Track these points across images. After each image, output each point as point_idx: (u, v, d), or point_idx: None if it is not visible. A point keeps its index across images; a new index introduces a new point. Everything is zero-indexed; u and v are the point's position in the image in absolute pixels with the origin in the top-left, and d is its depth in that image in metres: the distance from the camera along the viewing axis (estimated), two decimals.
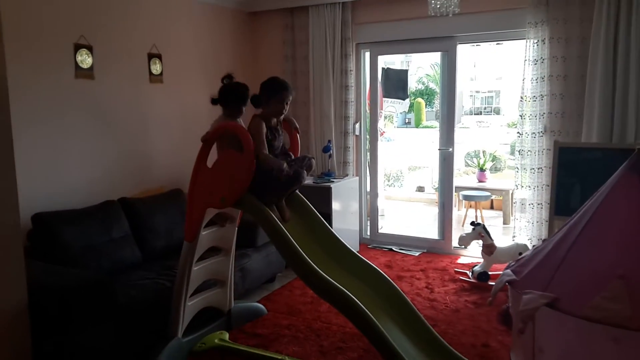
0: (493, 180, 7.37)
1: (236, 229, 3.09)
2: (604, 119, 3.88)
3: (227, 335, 3.11)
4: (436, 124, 16.88)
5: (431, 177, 8.43)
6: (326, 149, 4.78)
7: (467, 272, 4.14)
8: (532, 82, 4.15)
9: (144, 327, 2.80)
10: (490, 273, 3.97)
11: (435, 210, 7.28)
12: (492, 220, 6.40)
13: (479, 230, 3.97)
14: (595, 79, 3.86)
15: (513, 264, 2.16)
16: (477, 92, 24.98)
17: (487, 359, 2.83)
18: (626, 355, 1.52)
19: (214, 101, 2.75)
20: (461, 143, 10.39)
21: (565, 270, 1.77)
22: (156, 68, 4.10)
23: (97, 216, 3.25)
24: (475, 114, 23.96)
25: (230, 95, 2.70)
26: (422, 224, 6.56)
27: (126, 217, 3.42)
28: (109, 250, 3.18)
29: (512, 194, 6.44)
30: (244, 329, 3.26)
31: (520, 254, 3.96)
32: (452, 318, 3.40)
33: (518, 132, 4.31)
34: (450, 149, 4.76)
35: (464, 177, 8.37)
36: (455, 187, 6.53)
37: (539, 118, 4.15)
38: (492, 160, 9.86)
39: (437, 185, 7.84)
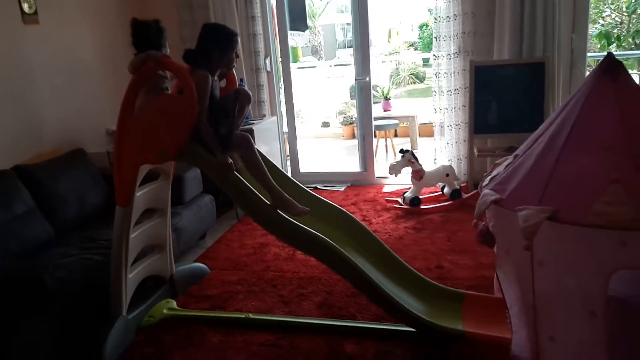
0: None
1: (170, 185, 2.73)
2: (514, 36, 3.99)
3: (174, 303, 2.82)
4: (314, 59, 16.76)
5: (334, 110, 8.37)
6: None
7: (398, 199, 4.19)
8: (445, 2, 4.11)
9: (82, 311, 2.41)
10: (420, 197, 4.04)
11: (344, 144, 7.32)
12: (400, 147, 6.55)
13: (409, 157, 3.98)
14: None
15: (487, 183, 2.13)
16: (348, 24, 25.08)
17: (446, 279, 2.87)
18: (635, 257, 1.56)
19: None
20: (342, 77, 10.46)
21: (557, 181, 1.75)
22: (29, 5, 3.36)
23: None
24: (348, 47, 24.11)
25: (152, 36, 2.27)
26: (338, 158, 6.53)
27: (27, 187, 2.86)
28: (14, 229, 2.64)
29: (416, 119, 6.63)
30: (191, 293, 2.98)
31: (447, 175, 4.07)
32: (398, 246, 3.41)
33: (434, 55, 4.30)
34: (367, 79, 4.64)
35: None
36: None
37: (453, 39, 4.16)
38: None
39: (341, 119, 7.85)
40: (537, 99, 3.98)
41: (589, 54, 4.22)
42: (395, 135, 7.24)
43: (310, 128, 8.47)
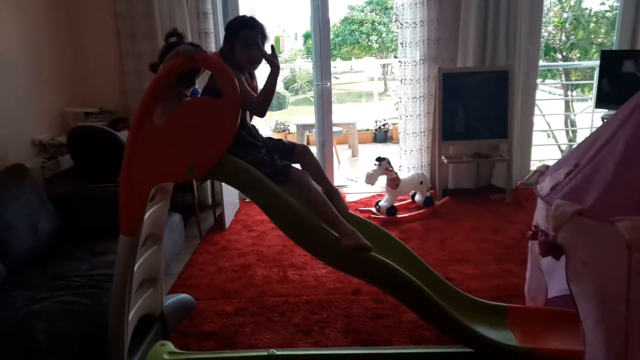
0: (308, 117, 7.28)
1: (169, 205, 2.28)
2: (478, 44, 4.05)
3: (172, 346, 2.34)
4: None
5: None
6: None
7: (371, 209, 4.03)
8: (410, 8, 4.06)
9: None
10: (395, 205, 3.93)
11: None
12: (341, 154, 6.43)
13: (385, 165, 3.84)
14: (470, 3, 3.96)
15: (548, 192, 2.05)
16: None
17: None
18: None
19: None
20: None
21: None
22: None
23: None
24: None
25: None
26: None
27: None
28: None
29: (355, 126, 6.56)
30: (186, 331, 2.53)
31: (421, 182, 4.00)
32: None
33: (399, 61, 4.23)
34: (328, 84, 4.43)
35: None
36: (303, 126, 6.35)
37: (419, 45, 4.12)
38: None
39: (272, 126, 7.54)
40: (501, 106, 4.08)
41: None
42: None
43: None
